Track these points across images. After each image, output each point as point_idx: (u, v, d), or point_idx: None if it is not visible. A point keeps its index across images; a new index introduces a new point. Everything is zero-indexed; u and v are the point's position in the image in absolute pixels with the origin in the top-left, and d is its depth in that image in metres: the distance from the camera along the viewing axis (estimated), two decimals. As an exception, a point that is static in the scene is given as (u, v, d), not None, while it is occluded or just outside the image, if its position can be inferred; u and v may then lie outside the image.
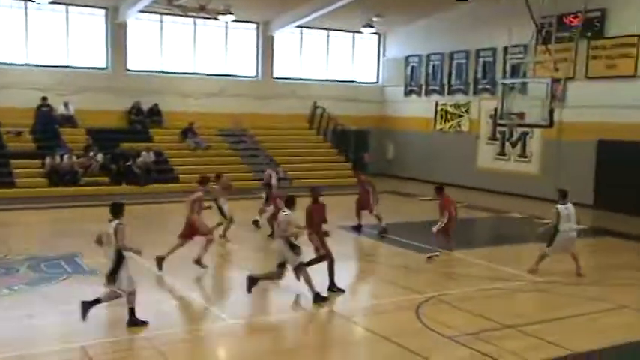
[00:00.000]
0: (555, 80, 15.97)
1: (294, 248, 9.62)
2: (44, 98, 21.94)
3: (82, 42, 23.10)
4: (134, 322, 8.29)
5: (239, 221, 16.34)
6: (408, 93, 27.49)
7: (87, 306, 8.29)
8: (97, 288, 10.13)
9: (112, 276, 8.34)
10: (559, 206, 11.58)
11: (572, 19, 19.26)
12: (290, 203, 9.87)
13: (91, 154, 20.94)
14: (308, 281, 9.55)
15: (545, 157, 21.70)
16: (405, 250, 13.30)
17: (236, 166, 23.13)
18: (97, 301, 8.42)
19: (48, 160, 20.15)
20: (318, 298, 9.51)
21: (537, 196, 21.27)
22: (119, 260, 8.35)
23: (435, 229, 12.54)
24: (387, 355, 7.67)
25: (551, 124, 16.03)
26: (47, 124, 21.75)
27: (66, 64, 22.84)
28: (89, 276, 10.77)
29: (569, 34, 17.42)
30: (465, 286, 10.80)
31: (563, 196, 11.72)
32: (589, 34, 19.55)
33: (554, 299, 10.29)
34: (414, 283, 10.84)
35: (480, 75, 24.08)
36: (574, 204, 12.12)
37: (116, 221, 8.44)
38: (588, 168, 19.93)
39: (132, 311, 8.35)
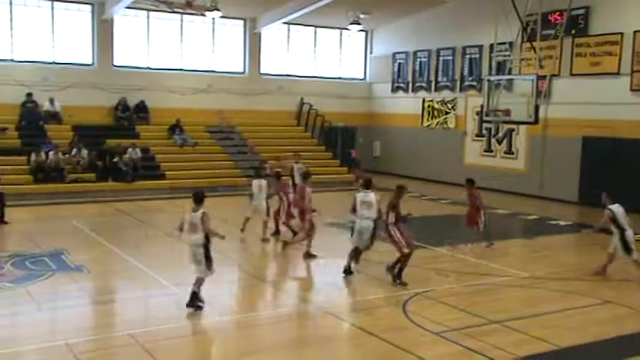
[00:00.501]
0: (540, 77, 16.09)
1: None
2: (29, 94, 21.76)
3: (67, 38, 22.91)
4: (197, 306, 8.86)
5: (227, 218, 16.33)
6: (395, 90, 27.55)
7: (194, 302, 8.82)
8: (82, 285, 10.14)
9: (209, 262, 8.96)
10: (613, 207, 11.23)
11: (557, 17, 19.39)
12: (368, 185, 11.01)
13: (74, 151, 20.78)
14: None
15: (530, 153, 21.86)
16: (391, 246, 13.31)
17: (223, 162, 23.08)
18: (195, 294, 8.88)
19: (33, 156, 19.99)
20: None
21: (523, 193, 21.46)
22: (207, 245, 8.98)
23: (481, 225, 13.36)
24: (374, 352, 7.70)
25: (536, 121, 16.15)
26: (32, 121, 21.57)
27: (51, 61, 22.66)
28: (74, 273, 10.71)
29: (554, 32, 17.53)
30: (452, 282, 10.86)
31: (609, 197, 11.40)
32: (573, 32, 19.70)
33: (539, 295, 10.38)
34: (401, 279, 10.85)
35: (466, 72, 24.19)
36: (558, 200, 12.22)
37: (202, 209, 9.02)
38: (573, 164, 20.09)
39: (196, 295, 8.88)
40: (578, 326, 8.82)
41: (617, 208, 11.21)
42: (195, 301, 8.85)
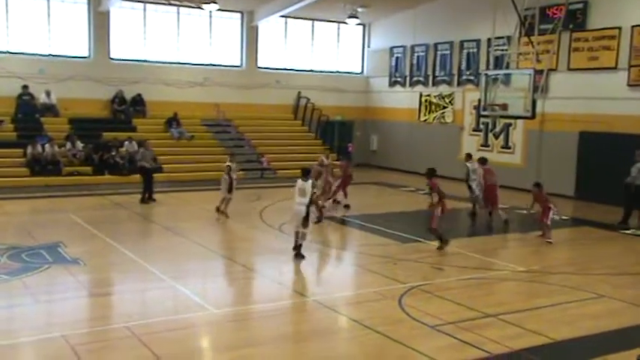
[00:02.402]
0: (538, 72, 16.08)
1: None
2: (25, 87, 21.69)
3: (64, 30, 22.82)
4: (301, 256, 11.41)
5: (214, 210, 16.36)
6: (392, 84, 27.53)
7: (299, 254, 11.39)
8: (79, 277, 10.14)
9: (306, 220, 11.49)
10: None
11: (554, 11, 19.37)
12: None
13: (68, 145, 20.72)
14: None
15: (527, 148, 21.88)
16: (388, 240, 13.37)
17: (220, 156, 23.02)
18: (299, 246, 11.41)
19: (29, 149, 19.94)
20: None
21: (520, 187, 21.47)
22: (309, 208, 11.58)
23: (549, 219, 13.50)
24: (370, 344, 7.72)
25: (533, 116, 16.16)
26: (28, 113, 21.51)
27: (48, 53, 22.58)
28: (71, 266, 10.71)
29: (551, 26, 17.51)
30: (447, 275, 10.88)
31: None
32: (571, 26, 19.69)
33: (534, 289, 10.41)
34: (397, 273, 10.89)
35: (463, 66, 24.17)
36: (555, 195, 12.27)
37: (310, 180, 11.62)
38: (570, 159, 20.12)
39: (300, 247, 11.46)
40: (573, 320, 8.86)
41: None
42: (300, 251, 11.44)
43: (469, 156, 17.44)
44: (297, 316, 8.87)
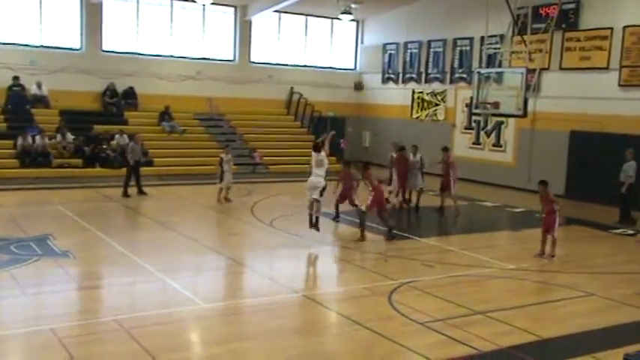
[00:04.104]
0: (530, 71, 16.14)
1: None
2: (16, 78, 21.53)
3: (55, 21, 22.65)
4: (316, 227, 12.47)
5: (211, 204, 16.35)
6: (385, 80, 27.54)
7: (316, 225, 12.45)
8: (68, 270, 10.10)
9: (323, 190, 12.33)
10: None
11: (547, 11, 19.43)
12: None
13: (59, 137, 20.60)
14: None
15: (519, 146, 21.96)
16: (378, 236, 13.38)
17: (211, 150, 22.96)
18: (316, 219, 12.41)
19: (19, 140, 19.81)
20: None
21: (511, 185, 21.58)
22: (325, 177, 12.36)
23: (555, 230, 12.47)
24: (359, 340, 7.73)
25: (525, 114, 16.22)
26: (19, 105, 21.35)
27: (39, 44, 22.41)
28: (60, 258, 10.66)
29: (544, 26, 17.57)
30: (437, 273, 10.90)
31: None
32: (564, 26, 19.76)
33: (524, 286, 10.46)
34: (387, 269, 10.92)
35: (456, 64, 24.20)
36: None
37: (322, 152, 12.47)
38: (561, 158, 20.21)
39: (317, 219, 12.45)
40: (562, 318, 8.91)
41: None
42: (318, 224, 12.43)
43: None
44: (287, 311, 8.87)
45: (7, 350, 7.20)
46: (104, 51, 23.39)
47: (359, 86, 23.73)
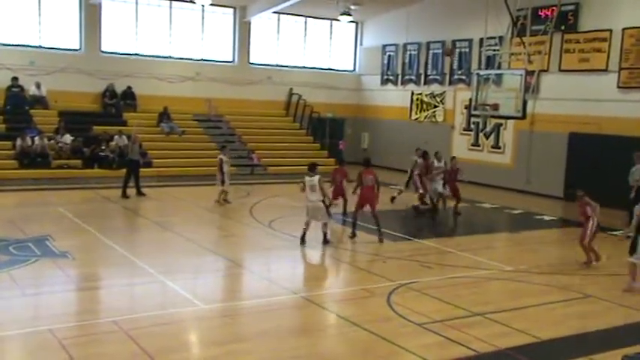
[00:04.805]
0: (529, 72, 16.15)
1: None
2: (15, 79, 21.53)
3: (54, 22, 22.65)
4: (327, 242, 12.41)
5: (210, 206, 16.36)
6: (384, 82, 27.55)
7: (326, 240, 12.35)
8: (67, 271, 10.11)
9: (328, 208, 12.48)
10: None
11: (546, 12, 19.45)
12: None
13: (59, 136, 20.60)
14: None
15: (517, 148, 21.97)
16: (376, 237, 13.38)
17: (210, 151, 22.96)
18: (324, 234, 12.41)
19: (18, 141, 19.80)
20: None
21: (509, 187, 21.60)
22: (324, 200, 12.28)
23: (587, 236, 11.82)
24: (358, 342, 7.74)
25: (524, 116, 16.23)
26: (18, 106, 21.35)
27: (38, 45, 22.41)
28: (59, 259, 10.66)
29: (543, 27, 17.59)
30: (436, 274, 10.92)
31: None
32: (563, 28, 19.78)
33: (522, 288, 10.47)
34: (386, 270, 10.93)
35: (455, 66, 24.22)
36: (544, 195, 12.30)
37: (317, 175, 12.09)
38: (559, 160, 20.22)
39: (325, 235, 12.42)
40: (560, 319, 8.92)
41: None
42: (327, 239, 12.37)
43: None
44: (286, 313, 8.88)
45: (6, 351, 7.20)
46: (103, 52, 23.40)
47: (448, 52, 23.57)
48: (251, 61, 26.44)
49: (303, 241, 12.39)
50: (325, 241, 12.47)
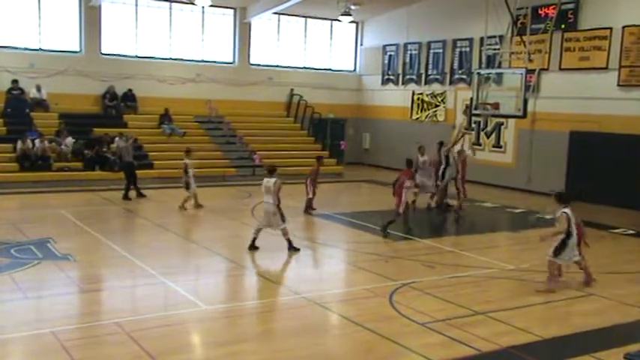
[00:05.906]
0: (529, 71, 16.15)
1: None
2: (15, 81, 21.53)
3: (54, 25, 22.66)
4: (293, 249, 11.75)
5: (212, 207, 16.37)
6: (385, 82, 27.55)
7: (291, 247, 11.68)
8: (69, 273, 10.11)
9: (283, 216, 11.68)
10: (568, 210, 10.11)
11: (547, 11, 19.45)
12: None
13: (60, 139, 20.60)
14: None
15: (518, 147, 21.96)
16: (379, 237, 13.39)
17: (212, 152, 23.01)
18: (289, 241, 11.69)
19: (19, 144, 19.81)
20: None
21: (510, 186, 21.59)
22: (278, 205, 11.65)
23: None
24: (360, 341, 7.74)
25: (524, 115, 16.23)
26: (18, 108, 21.35)
27: (38, 47, 22.42)
28: (61, 261, 10.66)
29: (543, 26, 17.59)
30: (438, 273, 10.91)
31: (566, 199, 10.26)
32: (563, 26, 19.77)
33: (523, 287, 10.45)
34: (387, 270, 10.93)
35: (456, 65, 24.21)
36: (545, 194, 12.28)
37: (274, 178, 11.63)
38: (560, 158, 20.21)
39: (290, 242, 11.79)
40: (562, 317, 8.92)
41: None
42: (292, 246, 11.73)
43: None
44: (288, 313, 8.88)
45: (8, 354, 7.20)
46: (103, 54, 23.40)
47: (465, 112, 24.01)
48: (251, 62, 26.44)
49: (253, 247, 11.81)
50: (291, 248, 11.78)
